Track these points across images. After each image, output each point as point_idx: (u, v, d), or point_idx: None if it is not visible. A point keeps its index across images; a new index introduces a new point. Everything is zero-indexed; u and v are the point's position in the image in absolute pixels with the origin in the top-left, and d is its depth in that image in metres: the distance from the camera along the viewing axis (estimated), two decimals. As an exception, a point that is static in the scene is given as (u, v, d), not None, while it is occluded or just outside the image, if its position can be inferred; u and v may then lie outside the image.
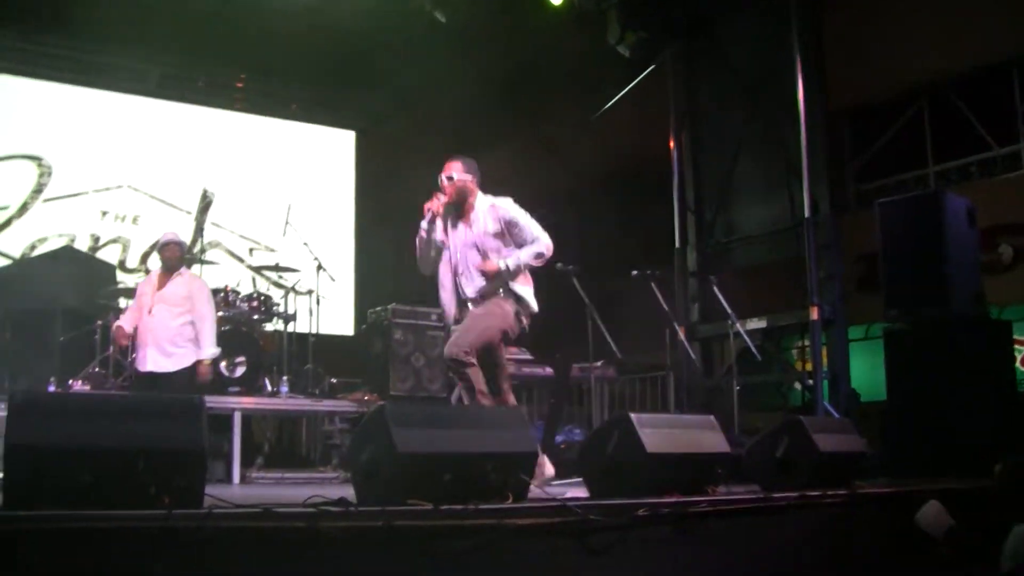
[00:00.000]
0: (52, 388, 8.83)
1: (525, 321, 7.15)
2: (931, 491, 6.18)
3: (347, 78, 14.32)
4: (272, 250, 12.07)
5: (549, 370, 10.47)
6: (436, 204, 6.95)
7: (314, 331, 10.75)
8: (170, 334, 8.59)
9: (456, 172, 7.11)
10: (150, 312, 8.63)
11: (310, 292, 10.74)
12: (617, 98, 13.17)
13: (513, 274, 7.02)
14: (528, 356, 10.46)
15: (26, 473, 4.31)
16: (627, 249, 12.00)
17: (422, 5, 11.61)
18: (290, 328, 10.62)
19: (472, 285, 7.09)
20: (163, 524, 3.90)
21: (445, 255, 7.14)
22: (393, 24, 12.78)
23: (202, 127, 14.17)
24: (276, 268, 10.66)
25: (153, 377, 8.55)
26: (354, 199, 15.01)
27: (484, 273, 7.00)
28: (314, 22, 12.73)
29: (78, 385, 8.92)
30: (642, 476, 5.55)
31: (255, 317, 10.20)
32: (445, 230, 7.14)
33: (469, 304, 7.08)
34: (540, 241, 7.06)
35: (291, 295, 10.68)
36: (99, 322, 9.79)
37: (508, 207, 7.14)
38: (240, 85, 14.51)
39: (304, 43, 13.27)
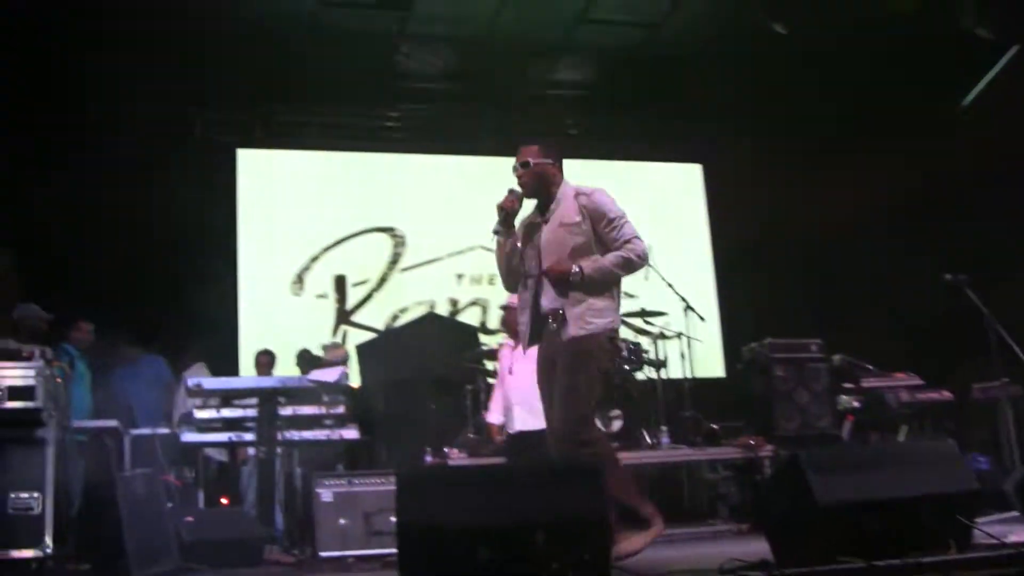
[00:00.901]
0: (429, 458, 8.83)
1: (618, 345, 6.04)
2: None
3: (686, 109, 13.97)
4: (632, 296, 11.71)
5: (946, 393, 9.69)
6: (510, 199, 5.93)
7: (688, 376, 10.33)
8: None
9: (531, 157, 5.96)
10: (511, 372, 8.50)
11: (679, 335, 10.34)
12: (983, 84, 12.16)
13: (595, 284, 5.70)
14: (919, 381, 9.72)
15: (421, 550, 4.18)
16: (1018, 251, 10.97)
17: (759, 23, 11.10)
18: (663, 375, 10.23)
19: (547, 296, 5.79)
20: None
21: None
22: (730, 48, 12.41)
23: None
24: (642, 314, 10.28)
25: (524, 437, 8.36)
26: (708, 233, 14.52)
27: (553, 276, 5.73)
28: (644, 54, 12.57)
29: (454, 453, 8.86)
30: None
31: (626, 368, 9.88)
32: (527, 235, 6.00)
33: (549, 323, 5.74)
34: (632, 246, 5.78)
35: (660, 340, 10.30)
36: (468, 386, 9.75)
37: (596, 195, 5.94)
38: (574, 132, 14.43)
39: (640, 77, 13.12)
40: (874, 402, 10.00)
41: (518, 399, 8.47)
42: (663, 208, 14.34)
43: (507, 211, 5.86)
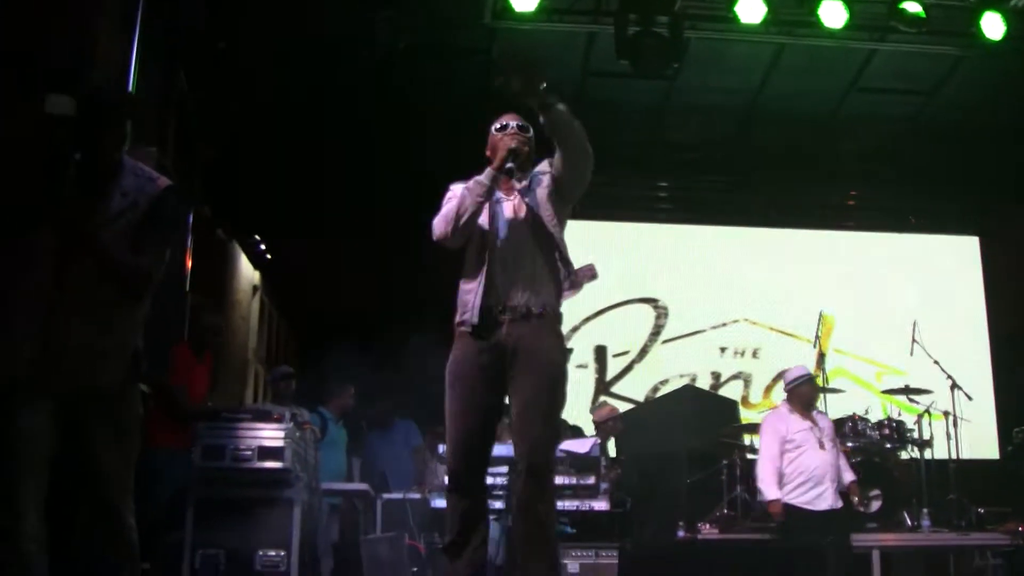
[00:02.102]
0: (681, 532, 8.79)
1: None
2: None
3: (960, 179, 13.58)
4: (900, 372, 11.39)
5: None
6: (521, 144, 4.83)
7: (954, 456, 9.96)
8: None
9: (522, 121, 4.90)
10: (822, 446, 8.41)
11: (946, 414, 9.99)
12: None
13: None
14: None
15: None
16: None
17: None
18: (927, 455, 9.89)
19: (524, 290, 4.70)
20: None
21: (477, 237, 4.79)
22: (1007, 112, 12.01)
23: (813, 250, 13.98)
24: (906, 391, 9.99)
25: (830, 516, 8.21)
26: (985, 309, 13.95)
27: (573, 276, 4.89)
28: (919, 122, 12.31)
29: (706, 528, 8.79)
30: None
31: (888, 446, 9.62)
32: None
33: (504, 326, 4.67)
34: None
35: (925, 419, 9.98)
36: (724, 461, 9.67)
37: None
38: (852, 203, 14.18)
39: (909, 150, 12.84)
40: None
41: (831, 477, 8.35)
42: (938, 282, 13.91)
43: (522, 156, 4.83)
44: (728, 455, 9.72)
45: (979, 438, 12.68)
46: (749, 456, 10.05)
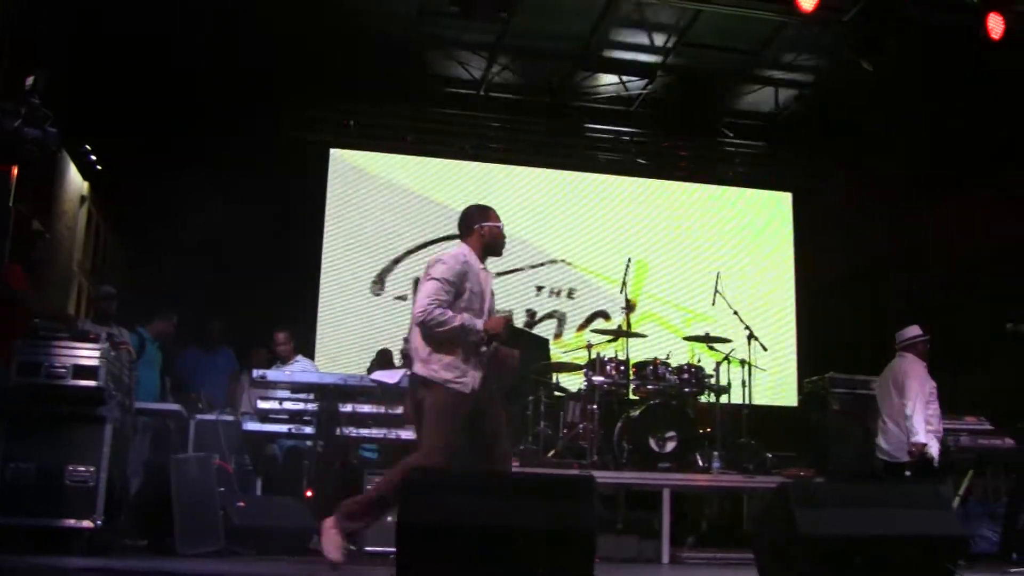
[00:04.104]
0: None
1: None
2: None
3: (777, 137, 14.11)
4: (709, 319, 11.79)
5: (1008, 441, 9.58)
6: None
7: (748, 403, 10.40)
8: None
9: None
10: None
11: (743, 362, 10.42)
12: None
13: None
14: (987, 426, 9.61)
15: (415, 551, 4.38)
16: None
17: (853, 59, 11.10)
18: (724, 400, 10.31)
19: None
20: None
21: (472, 306, 6.15)
22: (825, 79, 12.46)
23: (633, 196, 14.30)
24: (706, 338, 10.39)
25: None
26: (793, 264, 14.52)
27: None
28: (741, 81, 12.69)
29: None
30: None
31: (686, 390, 9.99)
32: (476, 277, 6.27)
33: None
34: None
35: (724, 366, 10.39)
36: (531, 398, 9.94)
37: None
38: (684, 154, 14.55)
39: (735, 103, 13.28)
40: (936, 443, 9.94)
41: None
42: (751, 235, 14.40)
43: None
44: (535, 392, 9.98)
45: (783, 387, 13.28)
46: (556, 393, 10.38)
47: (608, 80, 13.46)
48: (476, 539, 4.43)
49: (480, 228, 6.33)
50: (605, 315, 12.73)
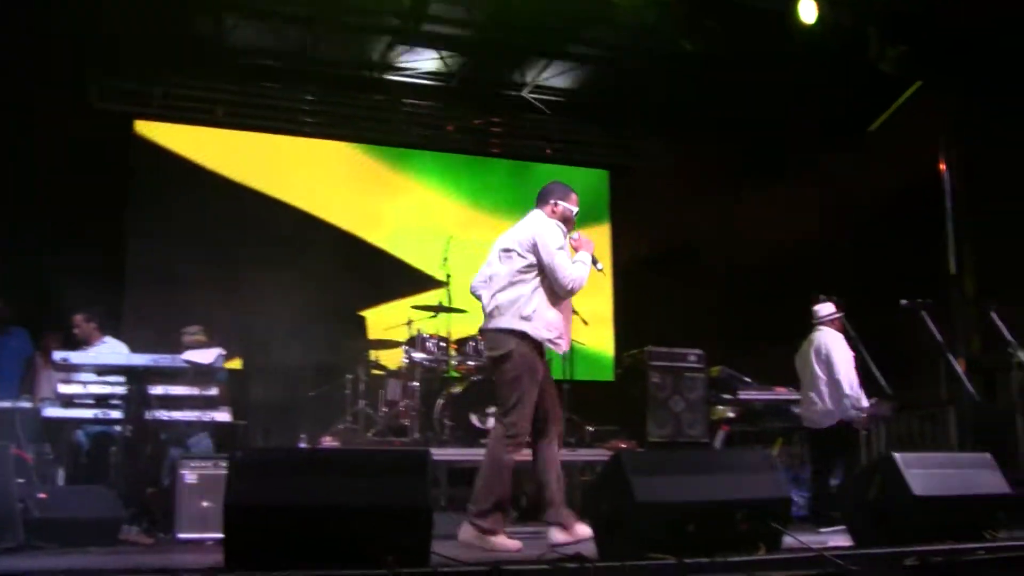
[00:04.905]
0: (303, 444, 8.90)
1: None
2: None
3: (598, 114, 14.24)
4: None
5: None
6: None
7: (569, 377, 10.52)
8: None
9: None
10: None
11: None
12: (887, 114, 12.49)
13: None
14: (796, 396, 9.95)
15: (246, 532, 4.27)
16: (895, 278, 11.28)
17: (671, 37, 11.31)
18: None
19: None
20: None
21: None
22: (646, 58, 12.63)
23: (450, 172, 14.30)
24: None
25: None
26: (610, 240, 14.74)
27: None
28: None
29: (327, 440, 8.95)
30: (909, 522, 5.13)
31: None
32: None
33: None
34: None
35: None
36: (349, 376, 9.85)
37: None
38: (496, 130, 14.53)
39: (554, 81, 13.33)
40: (748, 414, 10.26)
41: None
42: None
43: None
44: (353, 370, 9.90)
45: (600, 361, 13.48)
46: (375, 371, 10.30)
47: (426, 55, 13.32)
48: (310, 519, 4.34)
49: (555, 204, 6.87)
50: (424, 291, 12.58)
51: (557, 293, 6.48)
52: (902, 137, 12.29)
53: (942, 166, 11.99)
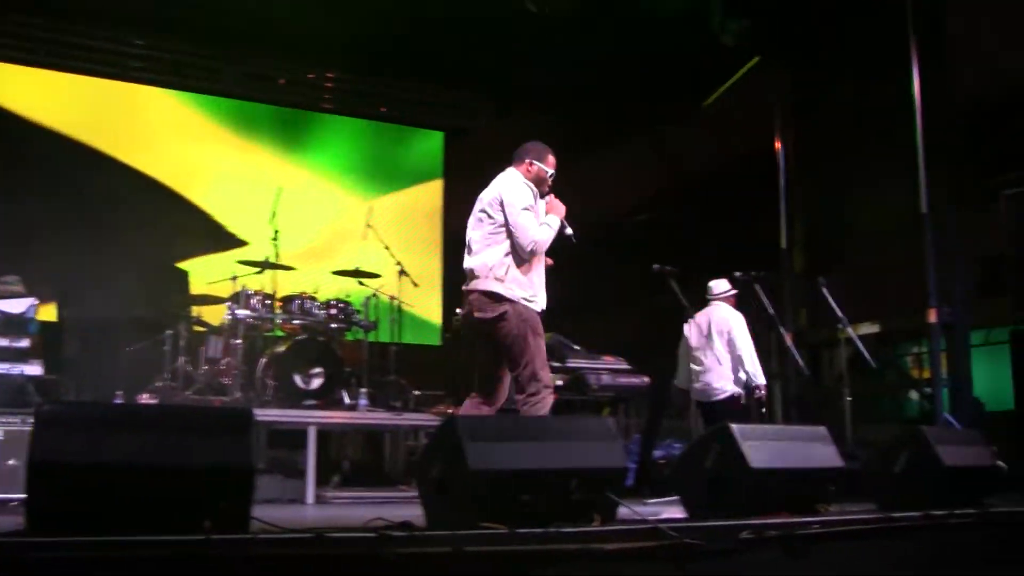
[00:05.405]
0: (119, 401, 8.49)
1: None
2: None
3: (436, 75, 13.95)
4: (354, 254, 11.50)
5: (646, 379, 9.93)
6: None
7: (398, 340, 10.30)
8: None
9: None
10: None
11: (392, 299, 10.29)
12: (723, 90, 12.58)
13: None
14: (625, 365, 9.92)
15: (51, 493, 3.91)
16: (731, 250, 11.37)
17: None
18: (371, 338, 10.16)
19: None
20: (201, 550, 3.47)
21: None
22: (484, 18, 12.37)
23: (281, 126, 13.86)
24: (356, 273, 10.18)
25: None
26: (442, 203, 14.51)
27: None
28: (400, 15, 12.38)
29: (145, 398, 8.58)
30: (745, 494, 5.07)
31: (333, 326, 9.76)
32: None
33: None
34: None
35: (373, 302, 10.22)
36: (169, 332, 9.43)
37: None
38: (330, 85, 14.12)
39: (392, 38, 12.95)
40: (576, 382, 10.17)
41: None
42: (401, 172, 14.31)
43: None
44: (174, 325, 9.51)
45: (427, 325, 13.27)
46: (197, 328, 9.95)
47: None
48: (121, 479, 3.99)
49: (530, 164, 6.76)
50: (246, 245, 12.10)
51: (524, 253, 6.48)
52: (741, 111, 12.39)
53: (777, 142, 12.10)
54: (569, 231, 6.69)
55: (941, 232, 10.06)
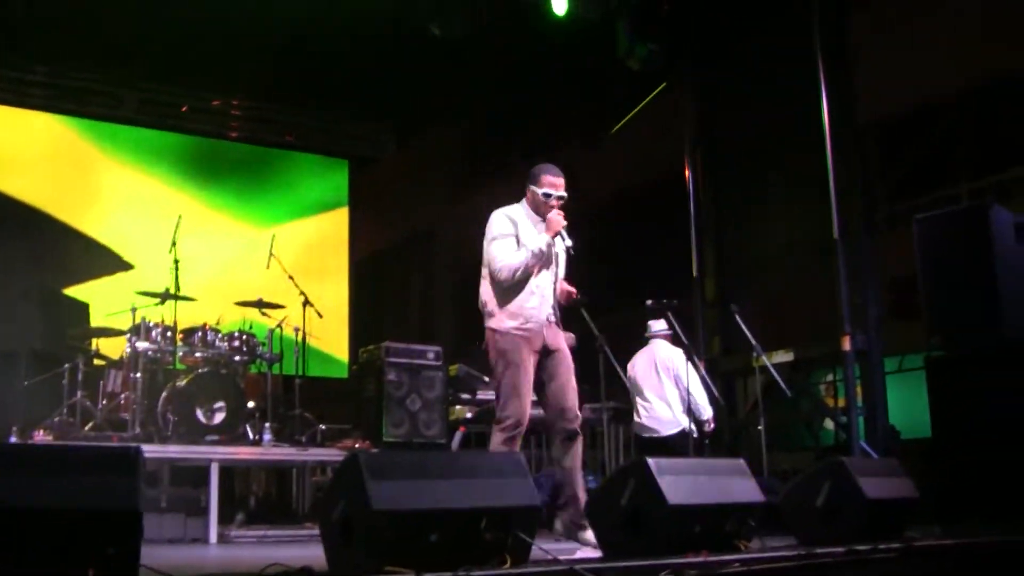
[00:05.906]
0: (13, 439, 8.12)
1: None
2: (996, 542, 5.44)
3: (341, 104, 13.68)
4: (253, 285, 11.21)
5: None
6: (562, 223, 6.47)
7: (303, 373, 10.01)
8: None
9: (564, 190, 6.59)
10: None
11: (297, 330, 10.02)
12: (630, 116, 12.50)
13: None
14: (532, 397, 9.72)
15: None
16: (641, 278, 11.28)
17: (420, 25, 10.89)
18: (276, 371, 9.87)
19: (550, 304, 6.46)
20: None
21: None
22: (387, 48, 12.15)
23: (182, 154, 13.56)
24: (259, 304, 9.89)
25: None
26: (348, 231, 14.24)
27: (560, 298, 6.56)
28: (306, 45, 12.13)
29: (39, 435, 8.20)
30: (663, 531, 4.86)
31: (236, 358, 9.46)
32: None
33: (550, 321, 6.42)
34: None
35: (277, 334, 9.93)
36: (67, 365, 9.06)
37: None
38: (236, 113, 13.82)
39: (297, 68, 12.68)
40: (485, 414, 9.96)
41: None
42: (306, 201, 14.07)
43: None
44: (71, 359, 9.16)
45: (334, 357, 13.01)
46: (96, 362, 9.70)
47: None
48: (1, 522, 3.71)
49: (527, 190, 6.59)
50: (146, 275, 11.76)
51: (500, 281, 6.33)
52: (650, 137, 12.34)
53: (686, 169, 12.02)
54: (569, 243, 6.43)
55: (854, 257, 10.02)
